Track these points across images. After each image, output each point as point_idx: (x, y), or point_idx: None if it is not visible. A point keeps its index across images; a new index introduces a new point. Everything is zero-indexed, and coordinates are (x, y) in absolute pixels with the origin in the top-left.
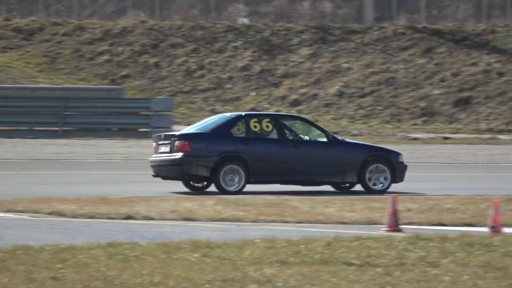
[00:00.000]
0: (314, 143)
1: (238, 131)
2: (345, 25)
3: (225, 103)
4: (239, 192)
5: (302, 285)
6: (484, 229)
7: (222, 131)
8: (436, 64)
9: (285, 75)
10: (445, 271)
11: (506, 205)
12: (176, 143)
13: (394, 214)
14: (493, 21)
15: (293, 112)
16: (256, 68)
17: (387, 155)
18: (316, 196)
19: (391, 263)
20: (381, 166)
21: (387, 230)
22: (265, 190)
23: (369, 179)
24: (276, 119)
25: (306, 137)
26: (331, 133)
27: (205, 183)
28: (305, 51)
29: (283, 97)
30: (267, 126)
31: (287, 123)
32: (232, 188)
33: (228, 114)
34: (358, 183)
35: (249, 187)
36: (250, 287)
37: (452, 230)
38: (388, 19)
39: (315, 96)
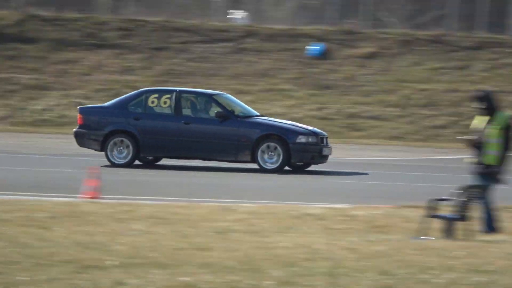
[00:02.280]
0: (207, 120)
1: (135, 106)
2: None
3: None
4: (128, 165)
5: None
6: None
7: (119, 105)
8: None
9: None
10: None
11: None
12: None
13: None
14: None
15: None
16: None
17: (281, 135)
18: None
19: None
20: (275, 146)
21: None
22: None
23: (262, 158)
24: (177, 96)
25: (206, 115)
26: (226, 111)
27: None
28: None
29: None
30: (165, 102)
31: (189, 99)
32: (120, 161)
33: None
34: (252, 162)
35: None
36: None
37: None
38: None
39: None
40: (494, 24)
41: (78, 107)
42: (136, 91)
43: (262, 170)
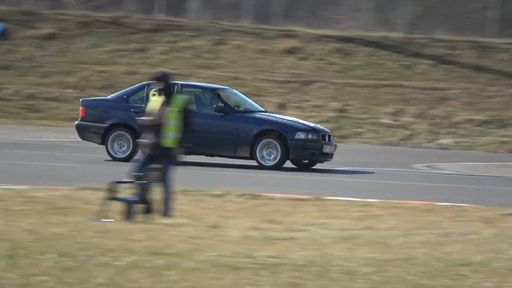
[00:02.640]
0: (206, 115)
1: (137, 99)
2: None
3: None
4: (128, 159)
5: None
6: None
7: (122, 99)
8: None
9: None
10: None
11: None
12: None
13: None
14: None
15: None
16: None
17: (280, 131)
18: None
19: None
20: (273, 142)
21: None
22: None
23: (261, 155)
24: (178, 89)
25: (206, 109)
26: (226, 106)
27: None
28: None
29: None
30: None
31: (191, 93)
32: (120, 155)
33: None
34: (251, 158)
35: None
36: None
37: None
38: None
39: None
40: (173, 7)
41: (80, 100)
42: (138, 84)
43: (261, 167)
